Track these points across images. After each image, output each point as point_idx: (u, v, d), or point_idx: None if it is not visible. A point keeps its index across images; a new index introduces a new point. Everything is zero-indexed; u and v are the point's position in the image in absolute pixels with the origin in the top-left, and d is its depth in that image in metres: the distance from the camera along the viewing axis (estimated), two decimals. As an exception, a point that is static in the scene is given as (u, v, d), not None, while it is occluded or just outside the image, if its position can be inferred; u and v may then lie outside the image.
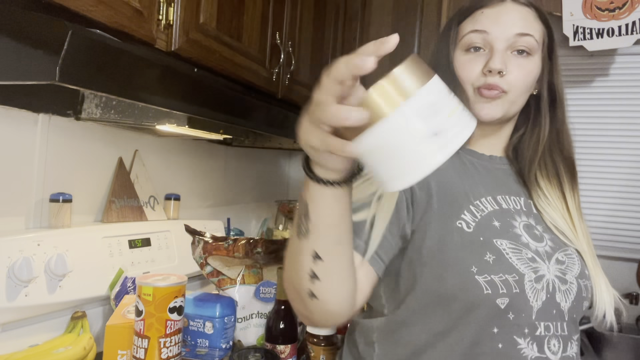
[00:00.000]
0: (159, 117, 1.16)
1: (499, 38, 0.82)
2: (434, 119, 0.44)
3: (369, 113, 0.45)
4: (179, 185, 1.57)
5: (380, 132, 0.45)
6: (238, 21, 1.22)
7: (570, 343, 0.80)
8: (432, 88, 0.45)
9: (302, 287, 0.66)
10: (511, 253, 0.78)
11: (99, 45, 0.75)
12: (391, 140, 0.45)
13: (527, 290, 0.77)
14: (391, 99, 0.45)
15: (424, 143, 0.44)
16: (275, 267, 1.15)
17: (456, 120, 0.46)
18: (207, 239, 1.14)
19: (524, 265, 0.78)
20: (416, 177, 0.46)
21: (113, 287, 1.14)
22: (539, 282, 0.78)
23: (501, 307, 0.75)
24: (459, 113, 0.46)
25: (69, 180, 1.16)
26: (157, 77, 0.89)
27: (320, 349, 1.09)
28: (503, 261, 0.77)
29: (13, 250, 0.95)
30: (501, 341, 0.76)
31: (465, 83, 0.84)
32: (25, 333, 1.03)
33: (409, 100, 0.44)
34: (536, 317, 0.77)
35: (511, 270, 0.76)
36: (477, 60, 0.84)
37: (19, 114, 1.04)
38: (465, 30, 0.85)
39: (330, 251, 0.63)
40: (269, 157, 2.17)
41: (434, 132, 0.44)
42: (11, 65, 0.74)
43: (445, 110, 0.45)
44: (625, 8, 1.69)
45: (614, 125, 1.89)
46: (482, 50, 0.84)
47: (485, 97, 0.83)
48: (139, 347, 0.84)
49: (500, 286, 0.75)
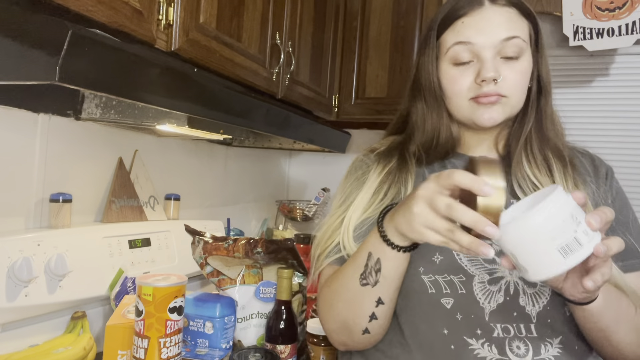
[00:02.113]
0: (159, 117, 1.16)
1: (485, 47, 0.79)
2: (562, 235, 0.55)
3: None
4: (179, 185, 1.57)
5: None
6: (238, 21, 1.22)
7: (545, 345, 0.77)
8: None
9: (358, 326, 0.77)
10: (463, 255, 0.79)
11: (99, 45, 0.75)
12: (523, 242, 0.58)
13: (475, 291, 0.77)
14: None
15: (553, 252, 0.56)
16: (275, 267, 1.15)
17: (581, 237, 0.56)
18: (207, 239, 1.14)
19: (476, 267, 0.79)
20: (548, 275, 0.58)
21: (113, 287, 1.14)
22: (495, 284, 0.78)
23: (447, 308, 0.77)
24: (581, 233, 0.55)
25: (69, 180, 1.16)
26: (157, 77, 0.89)
27: (320, 349, 1.09)
28: (451, 262, 0.79)
29: (13, 250, 0.95)
30: (452, 342, 0.76)
31: (458, 96, 0.83)
32: (25, 333, 1.03)
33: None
34: (490, 319, 0.76)
35: (458, 271, 0.78)
36: (467, 73, 0.81)
37: (19, 114, 1.04)
38: (448, 43, 0.82)
39: (392, 297, 0.76)
40: (269, 157, 2.17)
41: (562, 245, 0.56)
42: (11, 65, 0.74)
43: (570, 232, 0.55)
44: (625, 8, 1.69)
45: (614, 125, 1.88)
46: (470, 62, 0.81)
47: (483, 104, 0.81)
48: (139, 347, 0.84)
49: (443, 286, 0.78)
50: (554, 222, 0.54)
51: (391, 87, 1.85)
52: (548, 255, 0.55)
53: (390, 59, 1.86)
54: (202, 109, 1.04)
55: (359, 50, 1.91)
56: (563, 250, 0.55)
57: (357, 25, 1.91)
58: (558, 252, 0.54)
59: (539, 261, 0.56)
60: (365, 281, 0.74)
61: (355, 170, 0.93)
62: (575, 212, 0.56)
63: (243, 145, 1.83)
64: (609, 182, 0.88)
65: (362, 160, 0.95)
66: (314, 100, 1.72)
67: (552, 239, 0.54)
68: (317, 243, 0.88)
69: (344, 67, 1.91)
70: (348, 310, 0.78)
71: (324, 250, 0.86)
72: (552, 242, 0.54)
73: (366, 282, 0.74)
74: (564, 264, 0.55)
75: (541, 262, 0.56)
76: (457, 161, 0.90)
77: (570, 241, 0.54)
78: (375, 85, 1.88)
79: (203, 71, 1.10)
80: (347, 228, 0.84)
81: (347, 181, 0.93)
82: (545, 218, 0.54)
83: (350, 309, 0.77)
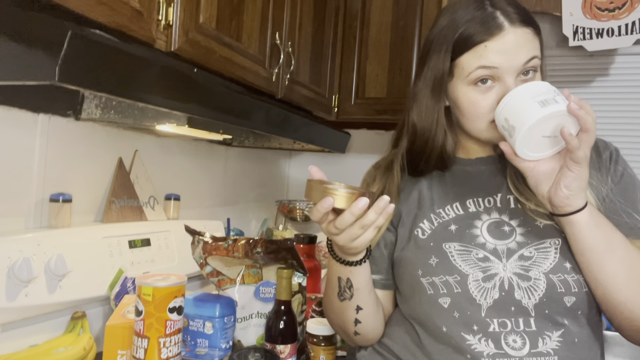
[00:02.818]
0: (158, 117, 1.16)
1: (509, 71, 0.80)
2: None
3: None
4: (179, 185, 1.57)
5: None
6: (238, 21, 1.22)
7: (544, 339, 0.78)
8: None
9: (349, 330, 0.91)
10: (457, 255, 0.84)
11: (98, 46, 0.75)
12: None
13: (471, 289, 0.81)
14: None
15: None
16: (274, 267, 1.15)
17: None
18: (206, 239, 1.14)
19: (470, 266, 0.83)
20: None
21: (113, 287, 1.14)
22: (489, 281, 0.81)
23: (444, 307, 0.82)
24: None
25: (69, 180, 1.16)
26: (157, 77, 0.89)
27: (320, 349, 1.10)
28: (446, 263, 0.84)
29: (13, 250, 0.95)
30: (451, 339, 0.81)
31: (479, 119, 0.84)
32: (25, 333, 1.03)
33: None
34: (487, 314, 0.80)
35: (453, 271, 0.83)
36: (489, 95, 0.82)
37: (19, 114, 1.04)
38: (470, 66, 0.82)
39: (367, 300, 0.88)
40: (269, 157, 2.17)
41: None
42: (11, 65, 0.74)
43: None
44: (625, 8, 1.69)
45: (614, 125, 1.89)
46: (489, 82, 0.82)
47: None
48: (138, 347, 0.84)
49: (440, 287, 0.83)
50: (537, 88, 0.75)
51: (391, 87, 1.85)
52: (530, 107, 0.73)
53: (390, 59, 1.86)
54: (202, 109, 1.04)
55: (359, 50, 1.91)
56: (541, 103, 0.73)
57: (357, 25, 1.91)
58: (537, 104, 0.73)
59: (525, 114, 0.73)
60: (343, 297, 0.87)
61: (363, 185, 1.01)
62: (555, 91, 0.76)
63: (243, 145, 1.83)
64: (613, 164, 0.89)
65: (369, 173, 1.02)
66: (314, 100, 1.72)
67: (533, 96, 0.74)
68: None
69: (344, 67, 1.92)
70: (338, 319, 0.93)
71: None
72: (534, 99, 0.74)
73: (344, 298, 0.87)
74: (541, 111, 0.72)
75: (526, 114, 0.73)
76: (458, 167, 0.93)
77: (548, 98, 0.73)
78: (375, 85, 1.88)
79: (203, 71, 1.10)
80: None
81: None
82: (532, 85, 0.76)
83: (339, 318, 0.92)
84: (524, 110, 0.73)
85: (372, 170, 1.01)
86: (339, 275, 0.86)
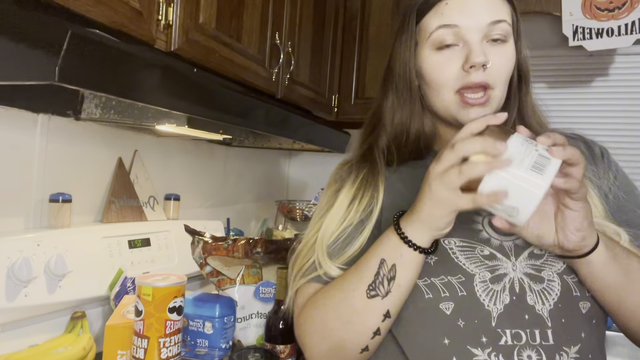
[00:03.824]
0: (158, 117, 1.16)
1: (472, 29, 0.73)
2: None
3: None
4: (178, 185, 1.57)
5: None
6: (237, 21, 1.22)
7: (561, 355, 0.67)
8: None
9: (357, 344, 0.70)
10: (459, 252, 0.72)
11: (98, 46, 0.75)
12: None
13: (478, 292, 0.69)
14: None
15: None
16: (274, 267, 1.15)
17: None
18: (206, 239, 1.14)
19: (475, 265, 0.71)
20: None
21: (113, 287, 1.14)
22: (498, 282, 0.70)
23: (447, 313, 0.69)
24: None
25: (69, 180, 1.16)
26: (156, 77, 0.89)
27: (320, 349, 1.09)
28: (447, 262, 0.71)
29: (13, 251, 0.95)
30: (454, 354, 0.68)
31: (443, 87, 0.75)
32: (25, 333, 1.03)
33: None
34: (498, 324, 0.68)
35: (456, 271, 0.71)
36: (453, 59, 0.74)
37: (18, 114, 1.04)
38: (431, 27, 0.75)
39: (398, 309, 0.70)
40: (269, 157, 2.17)
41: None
42: (11, 65, 0.74)
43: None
44: (624, 8, 1.69)
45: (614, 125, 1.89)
46: (454, 46, 0.74)
47: (469, 104, 0.74)
48: (138, 347, 0.84)
49: (441, 289, 0.70)
50: (516, 150, 0.60)
51: (391, 87, 1.85)
52: (527, 178, 0.59)
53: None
54: (202, 109, 1.04)
55: (359, 50, 1.91)
56: (536, 168, 0.59)
57: (357, 25, 1.91)
58: (532, 171, 0.59)
59: (523, 190, 0.59)
60: (375, 292, 0.68)
61: (331, 184, 0.87)
62: (526, 140, 0.62)
63: (243, 145, 1.83)
64: (607, 161, 0.82)
65: (337, 173, 0.88)
66: (314, 100, 1.72)
67: (521, 161, 0.59)
68: (294, 260, 0.81)
69: (344, 67, 1.91)
70: (347, 328, 0.70)
71: (301, 268, 0.79)
72: (523, 164, 0.59)
73: (375, 294, 0.67)
74: (543, 179, 0.59)
75: (524, 190, 0.59)
76: (430, 159, 0.82)
77: (537, 158, 0.60)
78: (375, 85, 1.87)
79: (202, 71, 1.10)
80: (321, 245, 0.77)
81: (325, 196, 0.86)
82: (509, 151, 0.60)
83: (351, 326, 0.70)
84: (522, 186, 0.59)
85: (341, 168, 0.88)
86: (382, 257, 0.68)
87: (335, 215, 0.79)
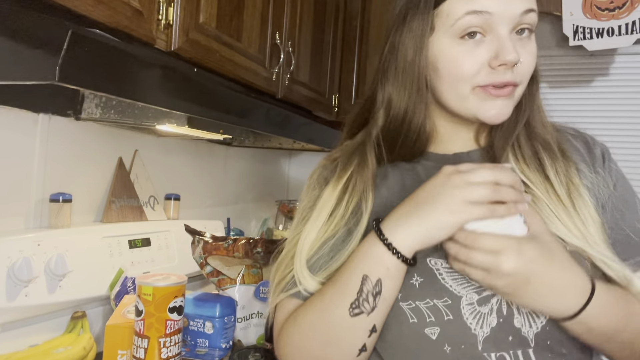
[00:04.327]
0: (158, 117, 1.16)
1: (504, 19, 0.64)
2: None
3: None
4: (179, 185, 1.57)
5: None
6: (238, 21, 1.22)
7: None
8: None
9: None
10: (445, 273, 0.66)
11: (98, 45, 0.75)
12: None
13: (465, 315, 0.64)
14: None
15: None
16: (275, 267, 1.15)
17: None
18: (207, 239, 1.14)
19: (462, 286, 0.66)
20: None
21: (113, 287, 1.14)
22: (486, 304, 0.65)
23: (432, 339, 0.64)
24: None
25: (69, 180, 1.16)
26: (157, 77, 0.89)
27: (320, 349, 1.09)
28: (432, 283, 0.66)
29: (13, 250, 0.95)
30: None
31: (461, 80, 0.67)
32: (25, 333, 1.03)
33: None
34: (484, 348, 0.63)
35: (442, 293, 0.65)
36: (478, 51, 0.65)
37: (18, 114, 1.04)
38: (457, 12, 0.65)
39: (384, 319, 0.66)
40: (269, 157, 2.17)
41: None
42: (11, 65, 0.74)
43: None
44: (625, 8, 1.69)
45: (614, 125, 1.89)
46: (480, 37, 0.65)
47: (493, 97, 0.66)
48: (138, 347, 0.84)
49: (427, 314, 0.65)
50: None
51: (391, 87, 1.85)
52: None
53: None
54: (202, 109, 1.04)
55: (359, 50, 1.91)
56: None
57: (357, 25, 1.91)
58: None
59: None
60: (359, 310, 0.63)
61: (311, 189, 0.78)
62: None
63: (243, 145, 1.83)
64: (607, 165, 0.75)
65: (320, 173, 0.78)
66: (314, 100, 1.72)
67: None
68: (274, 271, 0.75)
69: (344, 67, 1.91)
70: (329, 348, 0.66)
71: (280, 281, 0.72)
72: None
73: (360, 311, 0.63)
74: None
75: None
76: (429, 162, 0.75)
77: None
78: (375, 85, 1.87)
79: (203, 71, 1.10)
80: (299, 258, 0.70)
81: (305, 196, 0.78)
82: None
83: (333, 346, 0.65)
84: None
85: (324, 167, 0.79)
86: (365, 272, 0.63)
87: (317, 221, 0.72)
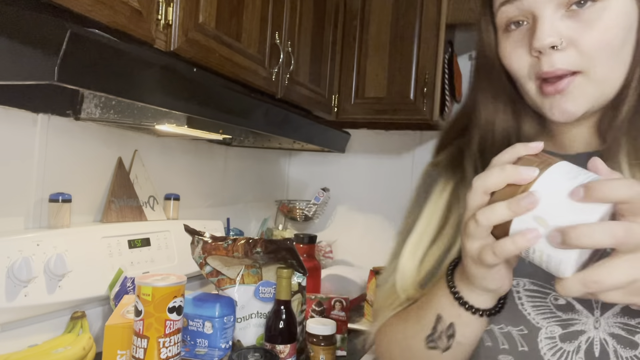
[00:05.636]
0: (158, 117, 1.16)
1: (540, 0, 0.56)
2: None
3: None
4: (178, 185, 1.57)
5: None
6: (237, 21, 1.22)
7: None
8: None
9: None
10: (526, 298, 0.60)
11: (97, 45, 0.75)
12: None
13: (542, 349, 0.58)
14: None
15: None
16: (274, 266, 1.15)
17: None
18: (206, 239, 1.14)
19: (543, 316, 0.59)
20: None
21: (112, 287, 1.14)
22: (571, 342, 0.57)
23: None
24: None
25: (69, 180, 1.16)
26: (156, 77, 0.89)
27: (320, 349, 1.10)
28: (510, 308, 0.60)
29: (12, 250, 0.95)
30: None
31: (520, 76, 0.60)
32: (25, 333, 1.03)
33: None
34: None
35: (519, 321, 0.60)
36: (522, 42, 0.58)
37: (18, 114, 1.04)
38: (496, 5, 0.60)
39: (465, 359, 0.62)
40: (269, 157, 2.17)
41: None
42: (10, 65, 0.74)
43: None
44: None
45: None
46: (523, 23, 0.58)
47: (550, 95, 0.57)
48: (138, 347, 0.84)
49: (501, 340, 0.60)
50: (549, 185, 0.46)
51: (391, 87, 1.85)
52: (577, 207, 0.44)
53: (389, 59, 1.86)
54: (202, 108, 1.04)
55: (359, 50, 1.91)
56: (573, 208, 0.44)
57: (357, 25, 1.91)
58: (569, 212, 0.45)
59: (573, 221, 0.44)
60: (434, 344, 0.60)
61: (420, 190, 0.73)
62: (572, 171, 0.47)
63: (243, 145, 1.83)
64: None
65: (428, 173, 0.74)
66: (314, 100, 1.72)
67: (555, 199, 0.45)
68: (377, 295, 0.72)
69: (344, 67, 1.91)
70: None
71: (386, 306, 0.70)
72: (556, 203, 0.45)
73: (434, 346, 0.60)
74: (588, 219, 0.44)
75: (574, 221, 0.44)
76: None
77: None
78: (374, 85, 1.88)
79: (202, 71, 1.10)
80: (403, 287, 0.67)
81: (411, 203, 0.73)
82: (538, 188, 0.46)
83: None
84: (572, 215, 0.44)
85: (430, 170, 0.75)
86: (439, 312, 0.58)
87: (426, 234, 0.67)
